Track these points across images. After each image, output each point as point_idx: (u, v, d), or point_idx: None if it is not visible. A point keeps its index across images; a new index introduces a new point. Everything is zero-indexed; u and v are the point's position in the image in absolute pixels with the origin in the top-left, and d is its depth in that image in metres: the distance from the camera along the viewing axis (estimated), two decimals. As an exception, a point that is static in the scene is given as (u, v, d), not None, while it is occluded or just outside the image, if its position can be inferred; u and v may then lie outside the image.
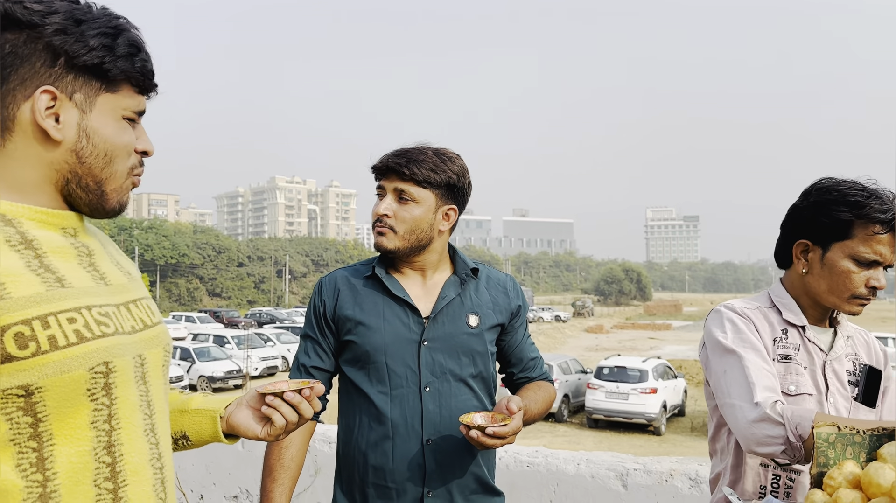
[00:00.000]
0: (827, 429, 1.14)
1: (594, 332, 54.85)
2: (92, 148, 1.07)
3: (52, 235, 1.06)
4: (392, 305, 1.73)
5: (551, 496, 3.62)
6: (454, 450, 1.70)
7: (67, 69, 1.04)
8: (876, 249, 1.60)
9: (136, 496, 1.06)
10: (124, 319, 1.09)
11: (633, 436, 18.95)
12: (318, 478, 3.77)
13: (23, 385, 0.95)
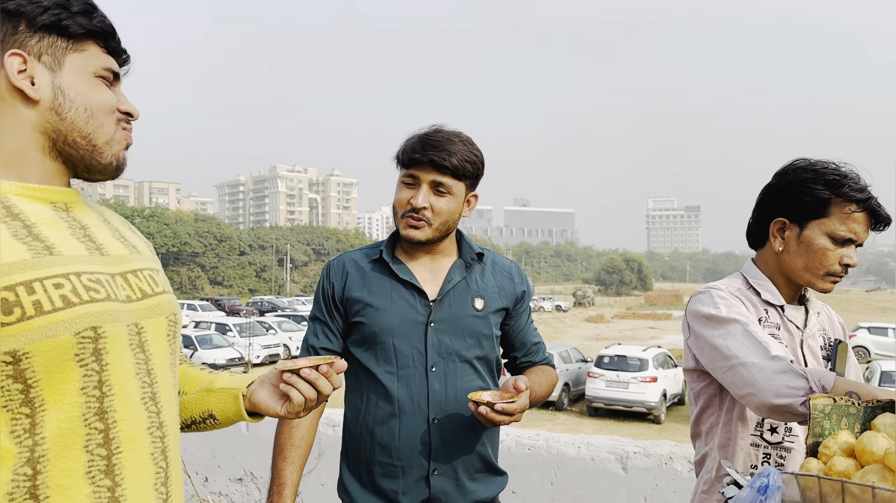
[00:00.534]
0: (823, 400, 1.17)
1: (595, 322, 54.91)
2: (70, 103, 1.09)
3: (42, 208, 1.08)
4: (399, 288, 1.75)
5: (552, 478, 3.67)
6: (460, 429, 1.72)
7: (30, 31, 1.07)
8: (851, 228, 1.63)
9: (131, 463, 1.05)
10: (119, 288, 1.10)
11: (633, 424, 19.03)
12: (322, 461, 3.82)
13: (10, 351, 0.95)
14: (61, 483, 0.99)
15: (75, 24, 1.08)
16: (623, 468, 3.56)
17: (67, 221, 1.10)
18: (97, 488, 1.02)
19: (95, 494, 1.02)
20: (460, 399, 1.72)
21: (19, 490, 0.97)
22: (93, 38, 1.11)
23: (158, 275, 1.22)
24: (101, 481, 1.02)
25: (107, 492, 1.03)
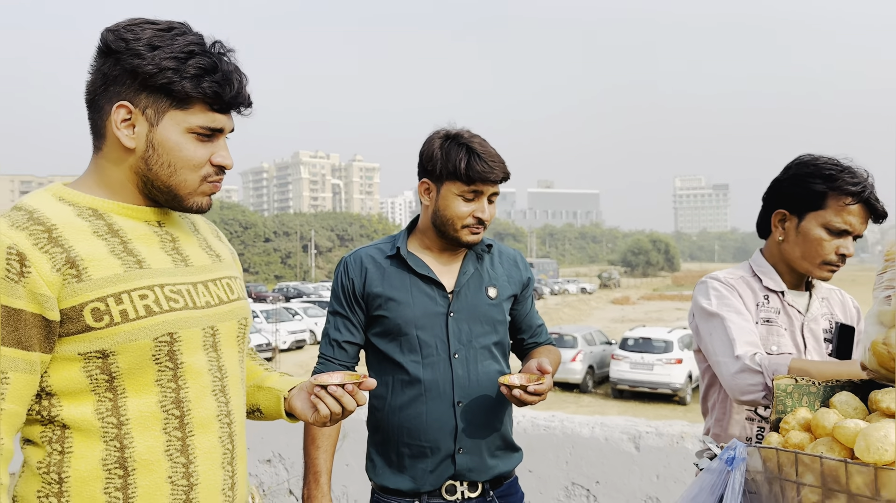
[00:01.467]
0: (785, 380, 1.28)
1: (620, 304, 54.69)
2: (157, 157, 1.24)
3: (138, 225, 1.25)
4: (418, 282, 1.87)
5: (567, 458, 3.79)
6: (482, 410, 1.86)
7: (141, 87, 1.21)
8: (846, 220, 1.74)
9: (203, 445, 1.25)
10: (199, 296, 1.28)
11: (658, 405, 19.07)
12: (346, 442, 3.98)
13: (100, 350, 1.16)
14: (145, 458, 1.19)
15: (182, 88, 1.20)
16: (636, 447, 3.67)
17: (160, 235, 1.29)
18: (174, 464, 1.22)
19: (173, 469, 1.21)
20: (482, 382, 1.86)
21: (111, 459, 1.18)
22: (200, 99, 1.23)
23: (235, 282, 1.40)
24: (178, 458, 1.22)
25: (182, 468, 1.23)
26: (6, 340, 1.12)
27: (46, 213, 1.19)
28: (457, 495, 1.84)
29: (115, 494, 1.18)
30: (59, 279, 1.14)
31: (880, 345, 1.22)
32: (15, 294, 1.12)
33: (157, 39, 1.20)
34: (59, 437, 1.18)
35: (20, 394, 1.14)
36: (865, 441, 1.04)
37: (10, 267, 1.11)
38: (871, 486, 1.02)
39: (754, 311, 1.82)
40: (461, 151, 1.80)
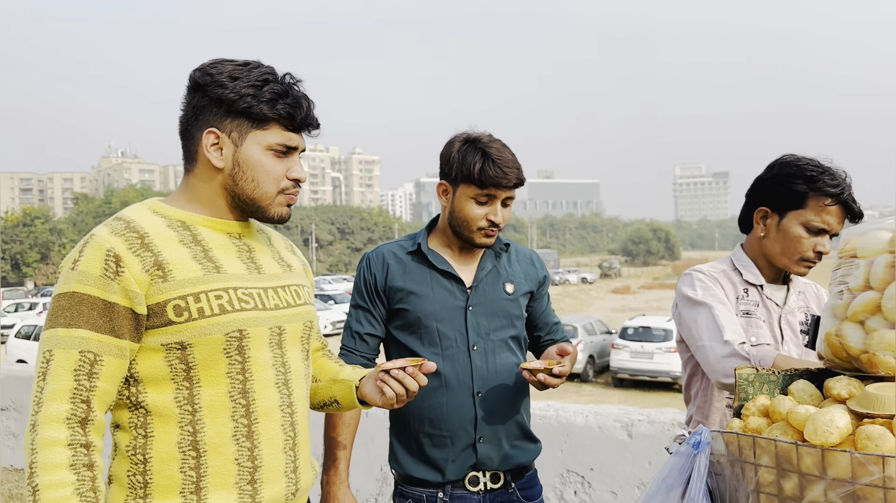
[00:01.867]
0: (747, 370, 1.38)
1: (621, 293, 54.80)
2: (242, 173, 1.42)
3: (219, 236, 1.42)
4: (437, 277, 1.95)
5: (562, 446, 3.90)
6: (501, 400, 1.93)
7: (226, 113, 1.39)
8: (825, 219, 1.83)
9: (266, 431, 1.41)
10: (268, 299, 1.43)
11: (658, 394, 19.19)
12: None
13: (179, 342, 1.33)
14: (215, 441, 1.35)
15: (259, 111, 1.39)
16: (628, 435, 3.78)
17: (237, 246, 1.45)
18: (240, 448, 1.37)
19: (239, 452, 1.36)
20: (500, 374, 1.93)
21: (185, 442, 1.34)
22: (275, 121, 1.42)
23: (303, 289, 1.57)
24: (244, 443, 1.38)
25: (247, 451, 1.38)
26: (102, 328, 1.30)
27: (141, 223, 1.38)
28: (479, 486, 1.91)
29: (189, 473, 1.34)
30: (148, 279, 1.33)
31: (833, 337, 1.32)
32: (111, 290, 1.31)
33: (236, 72, 1.39)
34: (143, 423, 1.35)
35: (112, 375, 1.32)
36: (813, 425, 1.14)
37: (108, 266, 1.31)
38: (819, 466, 1.11)
39: (734, 304, 1.92)
40: (476, 156, 1.86)
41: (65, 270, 1.34)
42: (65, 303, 1.31)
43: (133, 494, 1.35)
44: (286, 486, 1.43)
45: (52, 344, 1.29)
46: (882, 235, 1.30)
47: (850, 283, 1.31)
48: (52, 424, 1.25)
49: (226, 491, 1.35)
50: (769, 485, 1.18)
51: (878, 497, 1.06)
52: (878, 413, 1.14)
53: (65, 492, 1.23)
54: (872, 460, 1.06)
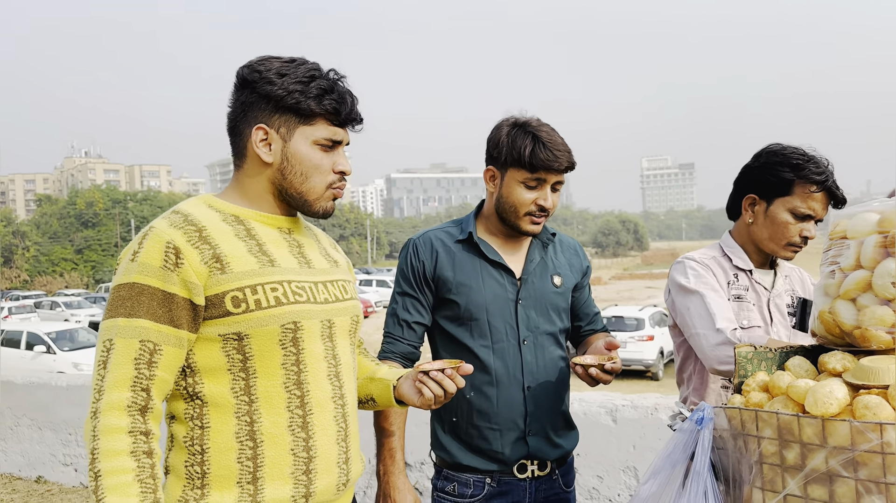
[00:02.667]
0: (745, 348, 1.44)
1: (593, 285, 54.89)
2: (291, 168, 1.44)
3: (271, 231, 1.44)
4: (488, 267, 1.93)
5: (548, 433, 3.96)
6: (549, 394, 1.94)
7: (274, 109, 1.41)
8: (810, 205, 1.90)
9: (320, 422, 1.43)
10: (319, 293, 1.45)
11: (632, 382, 19.43)
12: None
13: (236, 332, 1.35)
14: (272, 432, 1.37)
15: (307, 107, 1.42)
16: (613, 420, 3.85)
17: (288, 241, 1.47)
18: (296, 438, 1.39)
19: (294, 443, 1.38)
20: (548, 368, 1.93)
21: (242, 432, 1.37)
22: (322, 116, 1.42)
23: (349, 285, 1.59)
24: (299, 433, 1.40)
25: (303, 442, 1.40)
26: (161, 318, 1.32)
27: (198, 217, 1.41)
28: (527, 473, 1.93)
29: (246, 463, 1.36)
30: (206, 271, 1.35)
31: (826, 314, 1.38)
32: (170, 281, 1.33)
33: (283, 69, 1.41)
34: (199, 414, 1.38)
35: (170, 364, 1.34)
36: (814, 397, 1.20)
37: (168, 258, 1.33)
38: (820, 436, 1.17)
39: (726, 289, 1.98)
40: (527, 139, 1.83)
41: (124, 261, 1.36)
42: (125, 293, 1.33)
43: (191, 485, 1.37)
44: (338, 477, 1.45)
45: (112, 333, 1.32)
46: (870, 217, 1.36)
47: (841, 263, 1.38)
48: (114, 412, 1.28)
49: (282, 481, 1.37)
50: (772, 456, 1.24)
51: (876, 462, 1.12)
52: (874, 384, 1.21)
53: (126, 478, 1.25)
54: (870, 428, 1.12)
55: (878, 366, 1.22)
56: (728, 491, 1.37)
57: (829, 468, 1.16)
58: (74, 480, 5.38)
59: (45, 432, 5.52)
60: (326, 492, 1.43)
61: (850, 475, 1.14)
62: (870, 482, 1.13)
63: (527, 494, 1.94)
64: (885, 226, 1.31)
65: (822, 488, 1.18)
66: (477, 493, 1.92)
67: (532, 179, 1.85)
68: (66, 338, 18.19)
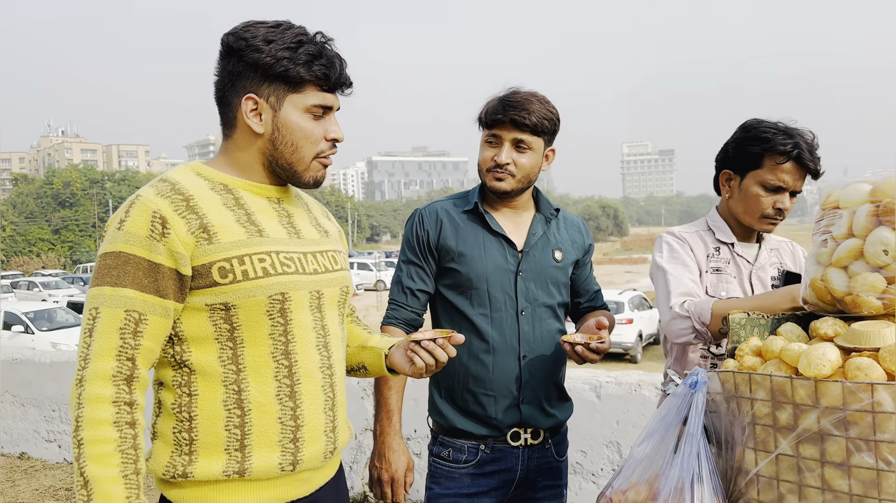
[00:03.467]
0: (739, 314, 1.48)
1: (572, 269, 55.37)
2: (282, 137, 1.41)
3: (260, 201, 1.43)
4: (490, 239, 1.96)
5: (533, 410, 4.01)
6: (544, 364, 1.98)
7: (263, 78, 1.38)
8: (779, 177, 1.93)
9: (308, 392, 1.43)
10: (308, 263, 1.45)
11: (611, 364, 19.63)
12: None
13: (223, 302, 1.34)
14: (259, 401, 1.37)
15: (296, 74, 1.39)
16: (597, 396, 3.91)
17: (277, 211, 1.46)
18: (283, 407, 1.39)
19: (282, 412, 1.39)
20: (545, 339, 1.97)
21: (230, 400, 1.37)
22: (311, 82, 1.40)
23: (340, 255, 1.58)
24: (286, 403, 1.40)
25: (290, 411, 1.41)
26: (147, 288, 1.32)
27: (186, 185, 1.39)
28: (520, 441, 1.97)
29: (234, 431, 1.37)
30: (193, 241, 1.34)
31: (818, 282, 1.42)
32: (156, 251, 1.32)
33: (270, 35, 1.38)
34: (187, 382, 1.38)
35: (156, 334, 1.34)
36: (807, 359, 1.24)
37: (154, 228, 1.32)
38: (813, 396, 1.21)
39: (705, 262, 2.03)
40: (494, 100, 1.90)
41: (111, 230, 1.35)
42: (111, 262, 1.32)
43: (178, 451, 1.37)
44: (325, 446, 1.47)
45: (98, 302, 1.31)
46: (862, 188, 1.40)
47: (833, 232, 1.41)
48: (99, 381, 1.28)
49: (269, 449, 1.38)
50: (764, 417, 1.28)
51: (867, 421, 1.16)
52: (866, 347, 1.25)
53: (107, 447, 1.26)
54: (862, 388, 1.16)
55: (869, 329, 1.26)
56: (720, 453, 1.41)
57: (820, 427, 1.20)
58: (58, 456, 5.37)
59: (29, 409, 5.49)
60: (314, 459, 1.45)
61: (841, 434, 1.18)
62: (860, 440, 1.17)
63: (519, 461, 1.98)
64: (878, 195, 1.35)
65: (813, 447, 1.22)
66: (471, 459, 1.96)
67: (490, 136, 1.93)
68: (44, 318, 18.01)
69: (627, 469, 1.51)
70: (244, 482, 1.38)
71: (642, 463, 1.47)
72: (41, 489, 4.86)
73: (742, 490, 1.35)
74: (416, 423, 4.19)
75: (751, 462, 1.32)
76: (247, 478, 1.37)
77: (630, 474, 1.50)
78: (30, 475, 5.13)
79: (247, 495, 1.38)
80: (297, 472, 1.43)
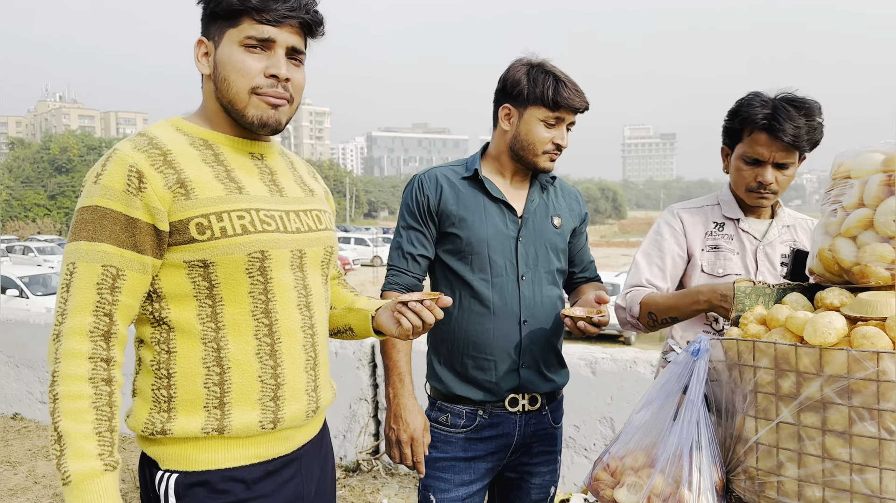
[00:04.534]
0: (744, 283, 1.46)
1: (570, 250, 55.44)
2: (219, 73, 1.38)
3: (242, 157, 1.41)
4: (491, 204, 1.96)
5: (528, 384, 4.01)
6: (544, 330, 1.98)
7: (211, 19, 1.37)
8: (755, 150, 1.91)
9: (289, 351, 1.42)
10: (290, 222, 1.42)
11: (605, 346, 19.69)
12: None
13: (201, 259, 1.32)
14: (239, 359, 1.36)
15: (228, 5, 1.34)
16: (592, 372, 3.91)
17: (259, 168, 1.44)
18: (263, 366, 1.38)
19: (262, 370, 1.37)
20: (545, 304, 1.97)
21: (209, 358, 1.35)
22: (246, 14, 1.35)
23: (325, 215, 1.55)
24: (266, 361, 1.39)
25: (270, 369, 1.39)
26: (124, 243, 1.29)
27: (164, 140, 1.36)
28: (518, 407, 1.97)
29: (213, 389, 1.36)
30: (170, 196, 1.31)
31: (826, 252, 1.40)
32: (133, 205, 1.29)
33: None
34: (166, 339, 1.36)
35: (134, 290, 1.32)
36: (813, 327, 1.22)
37: (130, 182, 1.29)
38: (817, 364, 1.20)
39: (701, 240, 2.03)
40: (549, 79, 1.87)
41: (88, 184, 1.32)
42: (87, 216, 1.29)
43: (157, 408, 1.36)
44: (307, 404, 1.46)
45: (75, 256, 1.29)
46: (875, 157, 1.37)
47: (844, 202, 1.39)
48: (76, 336, 1.26)
49: (249, 406, 1.37)
50: (767, 385, 1.27)
51: (870, 390, 1.15)
52: (872, 316, 1.23)
53: (82, 403, 1.24)
54: (868, 356, 1.15)
55: (876, 299, 1.25)
56: (720, 422, 1.40)
57: (823, 396, 1.19)
58: (51, 418, 5.37)
59: (23, 369, 5.49)
60: (295, 418, 1.44)
61: (844, 402, 1.17)
62: (863, 409, 1.16)
63: (517, 427, 1.97)
64: (890, 165, 1.33)
65: (814, 415, 1.21)
66: (468, 424, 1.95)
67: (553, 118, 1.90)
68: (39, 283, 18.00)
69: (625, 435, 1.50)
70: (224, 439, 1.36)
71: (640, 429, 1.46)
72: (34, 449, 4.87)
73: (741, 458, 1.34)
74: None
75: (751, 430, 1.31)
76: (226, 436, 1.36)
77: (628, 441, 1.49)
78: (23, 435, 5.14)
79: (227, 452, 1.37)
80: (279, 430, 1.42)
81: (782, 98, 1.89)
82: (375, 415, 4.42)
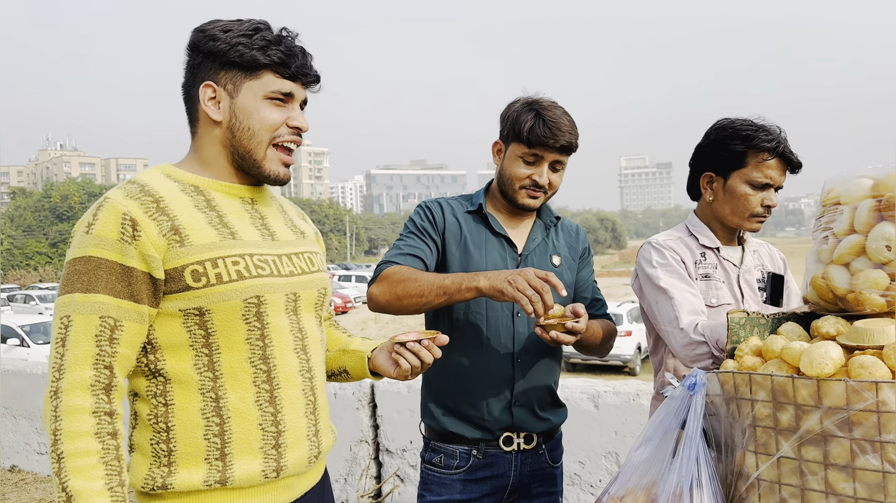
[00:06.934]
0: (738, 314, 1.43)
1: (571, 281, 55.29)
2: (239, 123, 1.38)
3: (233, 202, 1.39)
4: (492, 239, 1.95)
5: (530, 420, 3.95)
6: (538, 368, 1.95)
7: (220, 66, 1.36)
8: (766, 174, 1.90)
9: (288, 396, 1.39)
10: (283, 266, 1.41)
11: (610, 377, 19.55)
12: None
13: (197, 307, 1.30)
14: (238, 408, 1.33)
15: (252, 58, 1.35)
16: (595, 406, 3.86)
17: (250, 213, 1.42)
18: (264, 413, 1.35)
19: (262, 417, 1.35)
20: (540, 343, 1.93)
21: (208, 409, 1.31)
22: (268, 68, 1.36)
23: (316, 256, 1.55)
24: (266, 408, 1.36)
25: (271, 416, 1.37)
26: (121, 293, 1.27)
27: (156, 187, 1.35)
28: (513, 446, 1.92)
29: (213, 440, 1.33)
30: (165, 243, 1.30)
31: (819, 279, 1.38)
32: (128, 254, 1.27)
33: (228, 26, 1.38)
34: (163, 391, 1.33)
35: (132, 340, 1.30)
36: (809, 358, 1.20)
37: (124, 230, 1.27)
38: (815, 396, 1.17)
39: (693, 269, 1.98)
40: (530, 115, 1.87)
41: (78, 234, 1.30)
42: (81, 267, 1.27)
43: (157, 462, 1.33)
44: (309, 450, 1.43)
45: (69, 309, 1.26)
46: (864, 182, 1.36)
47: (834, 229, 1.37)
48: (77, 391, 1.23)
49: (251, 456, 1.34)
50: (765, 419, 1.24)
51: (871, 421, 1.12)
52: (869, 345, 1.20)
53: (90, 460, 1.21)
54: (866, 387, 1.12)
55: (872, 327, 1.22)
56: (720, 457, 1.37)
57: (823, 429, 1.16)
58: (49, 469, 5.29)
59: (20, 420, 5.42)
60: (298, 465, 1.41)
61: (845, 435, 1.14)
62: (864, 441, 1.12)
63: (512, 467, 1.93)
64: (880, 190, 1.31)
65: (816, 449, 1.17)
66: (462, 465, 1.92)
67: (529, 154, 1.89)
68: (40, 331, 17.90)
69: (624, 475, 1.46)
70: (227, 491, 1.34)
71: (639, 468, 1.42)
72: (31, 502, 4.78)
73: (743, 495, 1.30)
74: (411, 435, 4.13)
75: (751, 465, 1.27)
76: (229, 487, 1.33)
77: (627, 480, 1.45)
78: (20, 488, 5.06)
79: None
80: (282, 478, 1.39)
81: (768, 125, 1.91)
82: (377, 457, 4.35)
